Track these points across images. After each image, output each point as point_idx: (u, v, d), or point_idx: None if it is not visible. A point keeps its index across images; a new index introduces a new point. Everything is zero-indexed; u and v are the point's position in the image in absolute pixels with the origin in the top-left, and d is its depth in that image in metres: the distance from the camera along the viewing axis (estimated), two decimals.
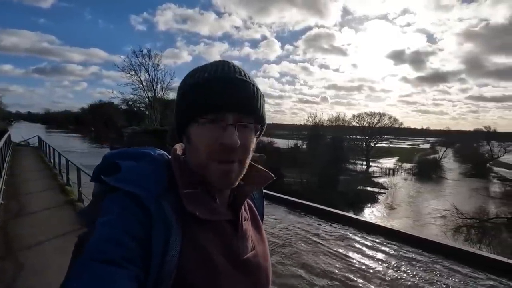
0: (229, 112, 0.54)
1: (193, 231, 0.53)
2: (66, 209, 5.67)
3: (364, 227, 4.62)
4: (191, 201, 0.54)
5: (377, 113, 42.84)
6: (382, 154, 45.43)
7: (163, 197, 0.52)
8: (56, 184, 7.98)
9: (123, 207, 0.50)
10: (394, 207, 22.50)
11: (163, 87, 27.50)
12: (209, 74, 0.56)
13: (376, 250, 3.92)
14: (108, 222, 0.48)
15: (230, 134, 0.52)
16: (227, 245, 0.57)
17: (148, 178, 0.54)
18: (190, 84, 0.58)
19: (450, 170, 37.01)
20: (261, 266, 0.62)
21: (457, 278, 3.17)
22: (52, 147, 11.49)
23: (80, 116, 68.21)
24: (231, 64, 0.59)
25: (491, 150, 37.84)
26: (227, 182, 0.56)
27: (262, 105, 0.59)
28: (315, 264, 3.53)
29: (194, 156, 0.57)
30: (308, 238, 4.31)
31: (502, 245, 15.04)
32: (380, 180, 31.84)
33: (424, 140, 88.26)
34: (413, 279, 3.22)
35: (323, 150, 27.01)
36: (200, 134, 0.55)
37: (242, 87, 0.56)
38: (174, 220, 0.51)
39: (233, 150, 0.53)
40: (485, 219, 18.30)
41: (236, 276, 0.56)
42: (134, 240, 0.46)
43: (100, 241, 0.45)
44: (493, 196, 22.98)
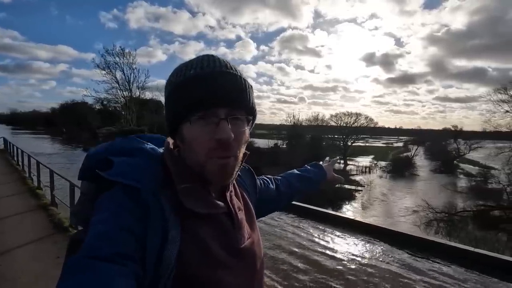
0: (220, 106, 0.53)
1: (192, 225, 0.54)
2: (39, 213, 5.38)
3: (342, 223, 4.76)
4: (188, 196, 0.54)
5: (354, 113, 44.30)
6: (358, 153, 47.00)
7: (160, 192, 0.52)
8: (26, 188, 7.53)
9: (119, 203, 0.50)
10: (370, 204, 23.32)
11: (139, 86, 26.76)
12: (195, 70, 0.56)
13: (349, 244, 4.08)
14: (104, 219, 0.48)
15: (224, 129, 0.52)
16: (225, 236, 0.58)
17: (144, 172, 0.54)
18: (177, 82, 0.57)
19: (421, 167, 38.92)
20: (257, 253, 0.64)
21: None
22: (20, 149, 10.82)
23: (50, 116, 64.61)
24: (215, 57, 0.58)
25: (457, 148, 40.22)
26: (225, 177, 0.57)
27: (252, 96, 0.59)
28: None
29: (191, 155, 0.56)
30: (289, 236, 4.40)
31: (469, 236, 16.09)
32: (357, 178, 32.83)
33: (398, 139, 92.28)
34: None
35: (302, 149, 27.48)
36: (194, 133, 0.54)
37: (229, 80, 0.55)
38: (173, 214, 0.51)
39: (229, 144, 0.54)
40: (453, 213, 19.46)
41: (235, 265, 0.57)
42: (131, 236, 0.46)
43: (96, 238, 0.45)
44: (460, 191, 24.42)
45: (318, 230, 4.55)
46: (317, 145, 29.76)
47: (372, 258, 3.62)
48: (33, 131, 64.09)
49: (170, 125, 0.59)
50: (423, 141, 50.47)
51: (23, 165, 9.93)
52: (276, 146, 33.49)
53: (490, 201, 20.40)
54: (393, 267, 3.36)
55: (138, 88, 26.80)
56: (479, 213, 19.58)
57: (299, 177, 1.00)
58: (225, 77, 0.55)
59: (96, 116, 40.86)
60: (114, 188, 0.53)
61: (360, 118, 43.92)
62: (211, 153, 0.54)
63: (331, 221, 4.85)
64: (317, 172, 1.06)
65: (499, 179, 22.01)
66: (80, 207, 0.60)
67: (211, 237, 0.56)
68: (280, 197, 0.91)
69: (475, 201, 20.82)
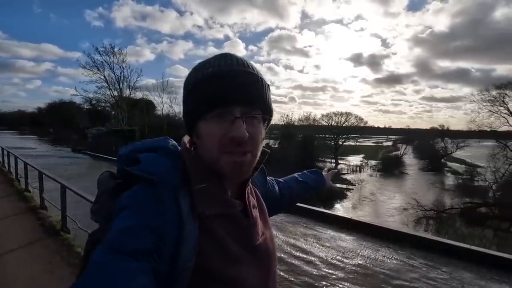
0: (236, 105, 0.54)
1: (209, 221, 0.55)
2: (28, 217, 5.22)
3: (336, 221, 4.81)
4: (203, 197, 0.55)
5: (344, 113, 44.73)
6: (349, 152, 47.53)
7: (180, 189, 0.54)
8: (13, 190, 7.30)
9: (141, 199, 0.51)
10: (360, 204, 23.63)
11: (130, 85, 26.32)
12: (213, 68, 0.56)
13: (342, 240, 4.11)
14: (127, 215, 0.49)
15: (238, 127, 0.53)
16: (241, 233, 0.60)
17: (167, 170, 0.55)
18: (195, 81, 0.58)
19: (410, 165, 39.65)
20: (270, 249, 0.66)
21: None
22: (6, 149, 10.49)
23: (36, 116, 62.91)
24: (233, 56, 0.59)
25: (445, 146, 41.15)
26: (239, 173, 0.58)
27: (268, 96, 0.60)
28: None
29: (205, 151, 0.57)
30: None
31: (457, 233, 16.50)
32: (348, 177, 33.22)
33: (387, 138, 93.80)
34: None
35: (294, 149, 27.59)
36: (210, 130, 0.55)
37: (247, 79, 0.56)
38: (190, 210, 0.53)
39: (243, 143, 0.54)
40: (441, 210, 19.91)
41: (251, 261, 0.59)
42: (153, 232, 0.47)
43: (119, 233, 0.47)
44: (447, 188, 24.99)
45: (312, 229, 4.57)
46: (308, 145, 29.91)
47: (368, 257, 3.65)
48: (18, 131, 62.25)
49: (188, 122, 0.60)
50: (412, 140, 51.44)
51: (10, 166, 9.63)
52: (268, 146, 33.49)
53: (477, 199, 20.97)
54: (389, 266, 3.39)
55: (129, 87, 26.37)
56: (466, 210, 20.10)
57: (299, 183, 1.04)
58: (242, 75, 0.56)
59: (85, 116, 39.98)
60: (138, 185, 0.54)
61: (351, 118, 44.44)
62: (224, 149, 0.55)
63: (325, 219, 4.88)
64: (317, 180, 1.10)
65: (485, 176, 22.61)
66: (99, 205, 0.61)
67: (228, 233, 0.57)
68: (282, 200, 0.93)
69: (462, 198, 21.35)
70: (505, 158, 22.29)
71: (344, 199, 24.84)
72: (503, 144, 23.46)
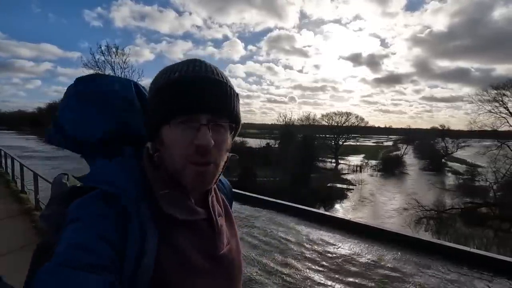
0: (202, 112, 0.52)
1: (171, 233, 0.52)
2: (22, 219, 5.16)
3: (337, 223, 4.75)
4: (169, 202, 0.52)
5: (345, 113, 44.73)
6: (349, 152, 47.52)
7: (140, 198, 0.51)
8: (9, 191, 7.25)
9: (96, 210, 0.48)
10: (361, 204, 23.57)
11: None
12: (180, 73, 0.54)
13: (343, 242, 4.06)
14: (80, 227, 0.46)
15: (204, 135, 0.51)
16: (204, 243, 0.57)
17: (124, 178, 0.52)
18: (161, 84, 0.55)
19: (410, 165, 39.61)
20: (235, 259, 0.63)
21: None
22: (4, 150, 10.44)
23: (36, 116, 63.00)
24: (203, 63, 0.56)
25: (445, 146, 41.09)
26: (202, 184, 0.55)
27: (236, 104, 0.57)
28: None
29: (168, 158, 0.54)
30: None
31: (457, 233, 16.43)
32: (348, 177, 33.18)
33: (387, 138, 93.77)
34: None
35: (294, 149, 27.53)
36: (173, 136, 0.52)
37: (214, 86, 0.54)
38: (152, 222, 0.50)
39: (207, 151, 0.52)
40: (441, 211, 19.84)
41: (213, 272, 0.56)
42: (109, 246, 0.45)
43: (71, 247, 0.43)
44: (448, 189, 24.93)
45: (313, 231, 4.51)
46: (309, 145, 29.84)
47: (364, 256, 3.59)
48: (18, 131, 62.35)
49: (150, 128, 0.56)
50: (412, 140, 51.41)
51: (7, 167, 9.57)
52: (268, 146, 33.49)
53: (477, 199, 20.89)
54: (386, 267, 3.33)
55: None
56: (466, 210, 20.02)
57: None
58: (209, 82, 0.54)
59: None
60: (91, 194, 0.50)
61: (351, 118, 44.43)
62: (189, 158, 0.52)
63: (323, 221, 4.83)
64: None
65: (486, 177, 22.53)
66: (50, 211, 0.56)
67: (190, 244, 0.54)
68: None
69: (463, 198, 21.27)
70: (506, 158, 22.16)
71: (344, 199, 24.80)
72: (502, 144, 23.39)
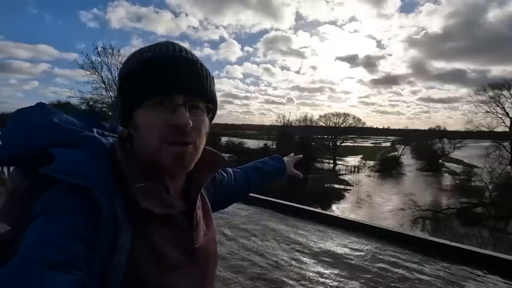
0: (178, 92, 0.51)
1: (145, 227, 0.50)
2: None
3: (336, 223, 4.73)
4: (144, 195, 0.50)
5: (342, 114, 44.87)
6: (347, 153, 47.69)
7: (115, 193, 0.48)
8: (3, 190, 7.28)
9: (66, 204, 0.45)
10: (358, 204, 23.66)
11: None
12: (153, 53, 0.53)
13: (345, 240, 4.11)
14: (48, 222, 0.43)
15: (181, 115, 0.50)
16: (180, 236, 0.56)
17: (95, 169, 0.48)
18: (133, 66, 0.53)
19: (408, 166, 39.75)
20: (211, 252, 0.63)
21: None
22: None
23: None
24: (174, 43, 0.56)
25: (442, 147, 41.28)
26: (181, 165, 0.53)
27: (212, 84, 0.56)
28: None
29: (143, 143, 0.52)
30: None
31: (453, 233, 16.53)
32: (346, 177, 33.25)
33: (385, 139, 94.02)
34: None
35: (292, 150, 27.54)
36: (148, 118, 0.51)
37: (189, 66, 0.53)
38: (125, 216, 0.47)
39: (185, 131, 0.50)
40: (437, 211, 19.96)
41: (188, 265, 0.56)
42: (80, 242, 0.42)
43: (38, 244, 0.40)
44: (444, 189, 25.05)
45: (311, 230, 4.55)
46: (306, 145, 29.94)
47: (359, 256, 3.64)
48: None
49: (123, 112, 0.54)
50: (410, 141, 51.60)
51: (3, 167, 9.60)
52: (266, 147, 33.55)
53: (473, 199, 21.00)
54: (381, 265, 3.38)
55: None
56: (462, 210, 20.14)
57: (257, 170, 1.01)
58: (183, 62, 0.52)
59: None
60: (60, 186, 0.47)
61: (349, 118, 44.58)
62: (166, 139, 0.50)
63: (316, 219, 4.87)
64: (277, 166, 1.07)
65: (482, 177, 22.68)
66: (12, 204, 0.52)
67: (165, 238, 0.53)
68: (235, 192, 0.91)
69: (459, 198, 21.38)
70: (501, 158, 22.33)
71: (341, 199, 24.88)
72: (499, 144, 23.56)
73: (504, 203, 18.34)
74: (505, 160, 22.54)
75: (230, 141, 33.70)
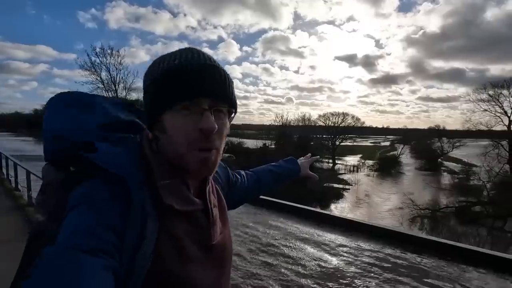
0: (204, 97, 0.54)
1: (169, 221, 0.53)
2: (14, 214, 5.26)
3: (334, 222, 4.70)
4: (169, 192, 0.54)
5: (341, 113, 44.95)
6: (347, 152, 47.74)
7: (144, 185, 0.51)
8: (2, 189, 7.33)
9: (100, 195, 0.48)
10: (357, 203, 23.71)
11: (126, 87, 26.41)
12: (180, 60, 0.56)
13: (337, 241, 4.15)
14: (83, 212, 0.46)
15: (208, 119, 0.53)
16: (199, 232, 0.59)
17: (131, 163, 0.52)
18: (161, 72, 0.56)
19: (407, 165, 39.84)
20: (227, 247, 0.66)
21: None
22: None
23: (33, 118, 62.82)
24: (199, 50, 0.59)
25: (441, 146, 41.35)
26: (206, 170, 0.57)
27: (233, 90, 0.60)
28: None
29: (171, 145, 0.55)
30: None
31: (451, 231, 16.59)
32: (345, 177, 33.33)
33: (385, 138, 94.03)
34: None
35: (290, 150, 27.65)
36: (177, 122, 0.54)
37: (213, 73, 0.56)
38: (152, 209, 0.51)
39: (210, 136, 0.54)
40: (435, 209, 20.01)
41: (206, 261, 0.59)
42: (112, 231, 0.45)
43: (75, 232, 0.43)
44: (443, 188, 25.11)
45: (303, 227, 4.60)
46: (304, 145, 30.00)
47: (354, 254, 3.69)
48: (15, 133, 62.17)
49: (151, 116, 0.57)
50: (409, 140, 51.67)
51: (1, 166, 9.64)
52: (265, 147, 33.61)
53: (472, 197, 21.08)
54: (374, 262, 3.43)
55: (125, 89, 26.47)
56: (460, 209, 20.20)
57: (270, 173, 1.03)
58: (208, 69, 0.56)
59: None
60: (90, 180, 0.50)
61: (347, 118, 44.65)
62: (193, 144, 0.54)
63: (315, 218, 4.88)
64: (290, 168, 1.08)
65: (480, 176, 22.75)
66: (44, 196, 0.55)
67: (186, 233, 0.56)
68: (247, 193, 0.94)
69: (458, 197, 21.44)
70: (499, 157, 22.41)
71: (340, 199, 24.95)
72: (497, 143, 23.65)
73: (502, 202, 18.40)
74: (503, 159, 22.57)
75: (229, 141, 33.78)
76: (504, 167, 22.11)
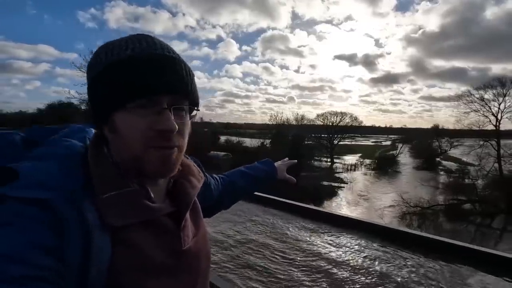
0: (162, 94, 0.48)
1: (126, 231, 0.48)
2: None
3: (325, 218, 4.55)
4: (115, 205, 0.47)
5: (339, 113, 45.02)
6: (346, 152, 47.85)
7: (81, 197, 0.45)
8: None
9: (25, 214, 0.41)
10: (351, 199, 23.95)
11: None
12: (132, 50, 0.49)
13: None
14: (9, 233, 0.39)
15: (167, 119, 0.48)
16: (166, 239, 0.53)
17: (58, 177, 0.45)
18: (109, 63, 0.49)
19: (405, 164, 39.80)
20: (202, 251, 0.61)
21: None
22: None
23: (37, 117, 63.90)
24: (154, 39, 0.53)
25: (439, 145, 41.24)
26: (166, 169, 0.51)
27: (195, 84, 0.54)
28: None
29: (124, 147, 0.50)
30: None
31: (438, 228, 16.79)
32: (342, 175, 33.52)
33: (387, 138, 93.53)
34: None
35: (285, 148, 27.98)
36: (131, 122, 0.48)
37: (172, 66, 0.50)
38: (99, 223, 0.44)
39: (171, 136, 0.49)
40: (425, 207, 20.21)
41: (177, 268, 0.54)
42: (45, 253, 0.39)
43: (1, 257, 0.37)
44: (436, 186, 25.23)
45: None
46: (298, 144, 30.33)
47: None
48: None
49: (98, 113, 0.51)
50: (411, 140, 51.51)
51: None
52: (262, 146, 33.97)
53: (464, 196, 21.20)
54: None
55: None
56: (450, 206, 20.38)
57: (244, 176, 0.97)
58: (167, 61, 0.50)
59: (81, 117, 40.68)
60: (15, 197, 0.43)
61: (345, 117, 44.72)
62: (150, 143, 0.48)
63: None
64: (266, 170, 1.02)
65: (472, 174, 22.90)
66: None
67: (149, 242, 0.50)
68: (222, 199, 0.88)
69: (450, 195, 21.59)
70: (489, 156, 22.65)
71: (334, 196, 25.18)
72: (484, 142, 24.04)
73: (491, 200, 18.58)
74: (493, 158, 22.75)
75: (229, 139, 34.33)
76: (494, 166, 22.27)
